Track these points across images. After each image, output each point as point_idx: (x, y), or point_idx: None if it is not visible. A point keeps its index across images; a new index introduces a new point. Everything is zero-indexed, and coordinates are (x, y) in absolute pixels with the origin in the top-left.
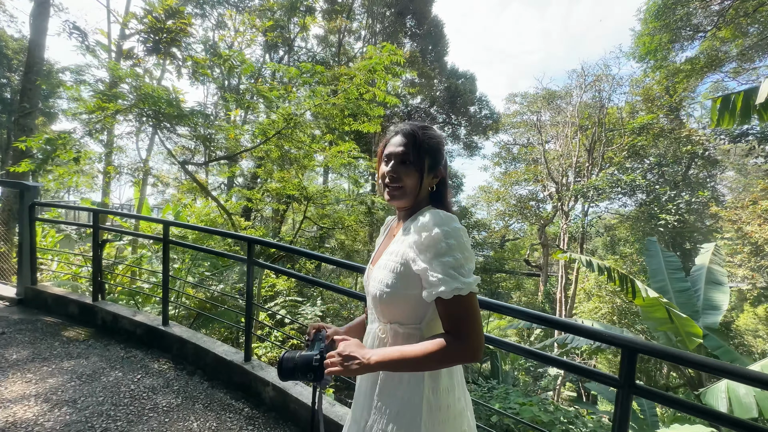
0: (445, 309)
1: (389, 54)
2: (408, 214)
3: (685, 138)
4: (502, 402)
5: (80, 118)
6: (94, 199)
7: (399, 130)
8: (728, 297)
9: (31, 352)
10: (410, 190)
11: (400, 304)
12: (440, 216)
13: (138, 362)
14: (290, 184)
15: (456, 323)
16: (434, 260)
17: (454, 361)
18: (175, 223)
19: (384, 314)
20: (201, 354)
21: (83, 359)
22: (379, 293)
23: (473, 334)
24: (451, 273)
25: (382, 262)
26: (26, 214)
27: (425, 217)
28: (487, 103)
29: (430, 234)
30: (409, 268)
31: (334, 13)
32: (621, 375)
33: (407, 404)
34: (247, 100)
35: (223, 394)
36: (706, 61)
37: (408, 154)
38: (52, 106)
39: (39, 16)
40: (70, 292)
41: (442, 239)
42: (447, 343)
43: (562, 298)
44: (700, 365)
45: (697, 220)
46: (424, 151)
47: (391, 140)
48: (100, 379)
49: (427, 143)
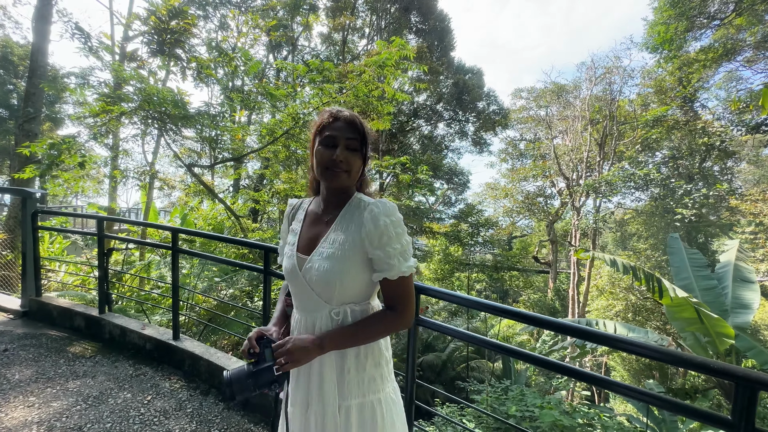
0: (390, 287)
1: (399, 49)
2: (340, 200)
3: (700, 130)
4: (518, 404)
5: (85, 122)
6: (100, 204)
7: (341, 116)
8: (758, 295)
9: (34, 371)
10: (354, 175)
11: (356, 287)
12: (387, 207)
13: (148, 381)
14: (298, 184)
15: (397, 299)
16: (386, 247)
17: (395, 329)
18: (185, 231)
19: (336, 298)
20: (215, 372)
21: (90, 378)
22: (332, 280)
23: (410, 306)
24: (399, 258)
25: (327, 251)
26: (29, 222)
27: (375, 208)
28: (495, 99)
29: (381, 224)
30: (363, 255)
31: (337, 10)
32: (735, 415)
33: (376, 362)
34: (253, 100)
35: (241, 417)
36: (723, 50)
37: (356, 141)
38: (58, 112)
39: (41, 20)
40: (75, 304)
41: (391, 228)
42: (391, 316)
43: (575, 295)
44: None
45: (711, 213)
46: (366, 141)
47: (333, 125)
48: (107, 402)
49: (368, 132)
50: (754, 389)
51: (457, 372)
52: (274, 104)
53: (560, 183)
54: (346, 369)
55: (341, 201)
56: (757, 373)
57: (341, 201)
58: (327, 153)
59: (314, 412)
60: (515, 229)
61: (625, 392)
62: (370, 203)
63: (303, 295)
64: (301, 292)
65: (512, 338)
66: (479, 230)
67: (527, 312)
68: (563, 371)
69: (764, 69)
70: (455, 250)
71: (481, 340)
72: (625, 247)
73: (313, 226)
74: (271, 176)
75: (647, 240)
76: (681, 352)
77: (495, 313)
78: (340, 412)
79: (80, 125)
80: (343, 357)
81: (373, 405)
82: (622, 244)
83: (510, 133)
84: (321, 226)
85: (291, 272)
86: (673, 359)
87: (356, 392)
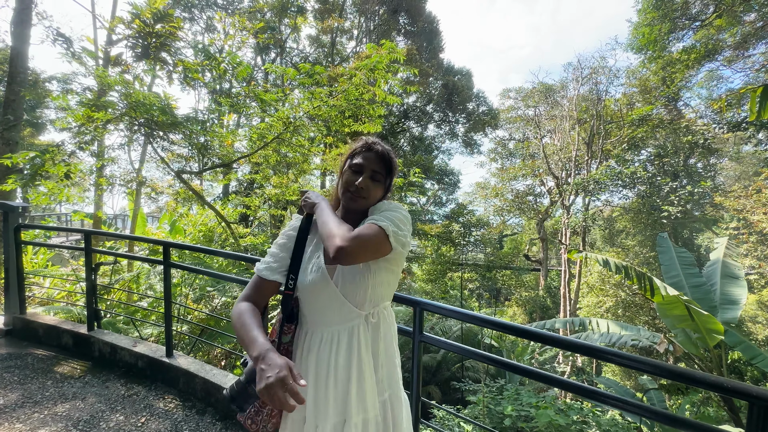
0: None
1: (389, 52)
2: (356, 218)
3: (684, 128)
4: (514, 403)
5: (70, 130)
6: (86, 211)
7: (374, 149)
8: (746, 291)
9: (20, 395)
10: (371, 202)
11: (383, 287)
12: (394, 203)
13: (141, 401)
14: (289, 189)
15: (363, 227)
16: (384, 212)
17: (338, 235)
18: (178, 245)
19: (369, 302)
20: (211, 390)
21: (79, 401)
22: (365, 280)
23: (360, 239)
24: (387, 218)
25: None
26: (11, 237)
27: (383, 203)
28: (484, 100)
29: (384, 205)
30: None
31: (326, 12)
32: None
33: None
34: (242, 104)
35: None
36: (704, 50)
37: (381, 174)
38: (39, 117)
39: (20, 24)
40: (62, 321)
41: (391, 206)
42: (345, 227)
43: (566, 293)
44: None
45: (696, 210)
46: (392, 174)
47: (364, 154)
48: (99, 426)
49: (394, 167)
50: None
51: (452, 372)
52: (263, 108)
53: (549, 182)
54: (380, 364)
55: (358, 219)
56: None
57: (358, 219)
58: (352, 178)
59: (354, 425)
60: (506, 228)
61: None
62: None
63: (332, 306)
64: (330, 304)
65: (506, 336)
66: (470, 230)
67: (518, 325)
68: (560, 385)
69: (743, 68)
70: (447, 250)
71: (481, 356)
72: (613, 243)
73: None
74: (262, 180)
75: (635, 237)
76: (695, 371)
77: (492, 328)
78: (378, 409)
79: (64, 132)
80: (377, 354)
81: (400, 399)
82: (610, 240)
83: (499, 133)
84: None
85: (319, 285)
86: (687, 378)
87: (386, 386)
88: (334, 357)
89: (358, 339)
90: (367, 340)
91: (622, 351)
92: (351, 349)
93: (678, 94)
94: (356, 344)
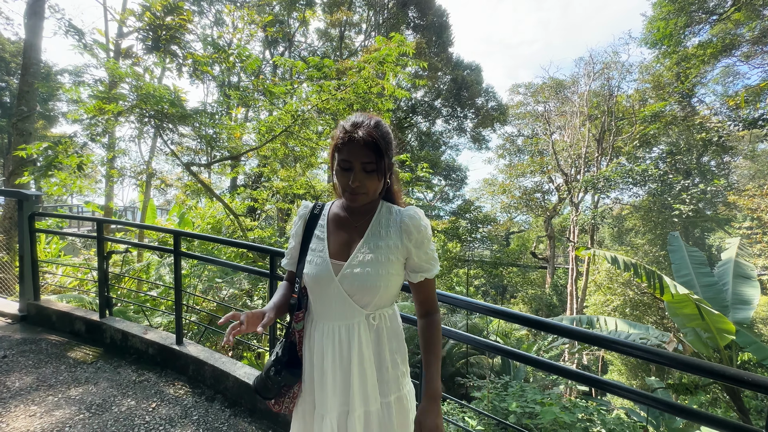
0: (427, 288)
1: (398, 45)
2: (366, 208)
3: (698, 125)
4: (519, 400)
5: (81, 122)
6: (97, 203)
7: (357, 138)
8: (758, 292)
9: (35, 378)
10: (372, 194)
11: (392, 291)
12: (420, 213)
13: (152, 387)
14: (297, 182)
15: (432, 299)
16: (427, 249)
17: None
18: (188, 234)
19: (374, 303)
20: (220, 377)
21: (92, 385)
22: (376, 284)
23: (436, 310)
24: (435, 259)
25: (368, 256)
26: (26, 225)
27: (414, 214)
28: (494, 95)
29: (422, 228)
30: (401, 260)
31: (334, 5)
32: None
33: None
34: (250, 97)
35: (248, 424)
36: (721, 45)
37: (372, 163)
38: (52, 109)
39: (33, 17)
40: (75, 308)
41: (426, 234)
42: (438, 319)
43: (573, 291)
44: None
45: (708, 209)
46: (385, 155)
47: (348, 147)
48: (111, 410)
49: (386, 146)
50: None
51: (456, 368)
52: (272, 101)
53: (558, 179)
54: (384, 367)
55: (367, 209)
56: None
57: (367, 209)
58: (344, 178)
59: (357, 417)
60: (513, 225)
61: (631, 396)
62: (403, 211)
63: (335, 302)
64: (333, 300)
65: (511, 333)
66: (477, 226)
67: (522, 313)
68: (564, 374)
69: (761, 64)
70: (453, 247)
71: (486, 344)
72: (622, 242)
73: (340, 231)
74: (269, 174)
75: (645, 235)
76: (713, 364)
77: (493, 315)
78: (382, 409)
79: (75, 124)
80: (380, 356)
81: (406, 398)
82: (619, 239)
83: (508, 129)
84: (351, 231)
85: (323, 279)
86: (704, 371)
87: (394, 388)
88: (337, 350)
89: (358, 336)
90: (368, 338)
91: (635, 342)
92: (351, 345)
93: (692, 90)
94: (356, 341)
